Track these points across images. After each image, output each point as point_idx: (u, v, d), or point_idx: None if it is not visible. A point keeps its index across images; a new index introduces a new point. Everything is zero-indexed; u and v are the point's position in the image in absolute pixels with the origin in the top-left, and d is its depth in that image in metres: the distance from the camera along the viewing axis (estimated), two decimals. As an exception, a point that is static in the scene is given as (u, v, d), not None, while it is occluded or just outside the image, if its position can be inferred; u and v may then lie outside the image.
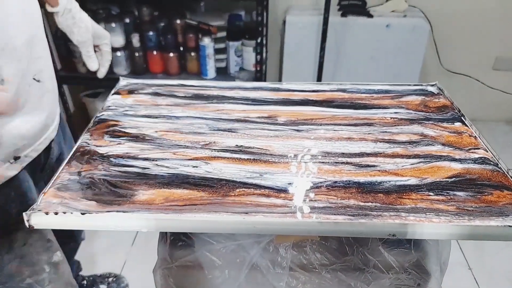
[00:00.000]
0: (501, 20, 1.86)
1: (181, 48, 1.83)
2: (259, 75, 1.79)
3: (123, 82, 0.84)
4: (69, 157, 0.60)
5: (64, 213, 0.49)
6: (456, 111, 0.74)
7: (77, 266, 1.16)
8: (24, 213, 0.49)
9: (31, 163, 0.69)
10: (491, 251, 1.42)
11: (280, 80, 2.01)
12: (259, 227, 0.50)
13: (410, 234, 0.50)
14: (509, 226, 0.48)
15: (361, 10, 1.75)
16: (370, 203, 0.53)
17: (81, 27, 0.78)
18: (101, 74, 0.85)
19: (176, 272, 0.66)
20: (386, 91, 0.81)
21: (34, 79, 0.66)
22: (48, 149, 0.75)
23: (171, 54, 1.81)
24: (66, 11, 0.75)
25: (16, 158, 0.66)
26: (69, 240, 1.01)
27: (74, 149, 0.62)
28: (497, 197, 0.53)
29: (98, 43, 0.83)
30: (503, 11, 1.84)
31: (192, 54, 1.81)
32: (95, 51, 0.83)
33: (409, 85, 0.83)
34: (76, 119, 1.94)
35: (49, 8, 0.75)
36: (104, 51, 0.83)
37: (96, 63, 0.82)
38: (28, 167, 0.69)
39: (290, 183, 0.56)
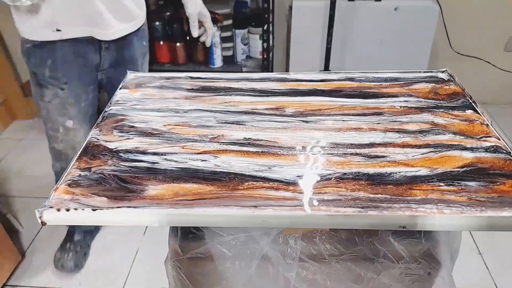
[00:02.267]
0: (514, 0, 1.80)
1: (188, 38, 1.82)
2: (266, 63, 1.77)
3: (130, 76, 0.84)
4: (79, 152, 0.61)
5: (76, 209, 0.50)
6: (468, 97, 0.73)
7: None
8: (36, 210, 0.50)
9: (77, 47, 0.97)
10: (501, 236, 1.41)
11: (287, 67, 1.99)
12: (269, 221, 0.50)
13: (420, 226, 0.50)
14: (522, 216, 0.48)
15: (369, -7, 1.71)
16: (380, 195, 0.52)
17: (192, 4, 1.06)
18: (207, 42, 1.14)
19: (187, 264, 0.67)
20: (396, 79, 0.80)
21: None
22: (98, 48, 1.01)
23: (178, 44, 1.80)
24: None
25: (58, 30, 0.93)
26: None
27: (84, 144, 0.63)
28: (510, 186, 0.53)
29: (202, 20, 1.10)
30: (516, -9, 1.78)
31: (199, 43, 1.80)
32: (200, 26, 1.11)
33: (419, 72, 0.81)
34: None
35: None
36: (206, 27, 1.12)
37: (197, 32, 1.10)
38: (74, 49, 0.97)
39: (299, 176, 0.56)
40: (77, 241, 1.33)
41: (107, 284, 1.28)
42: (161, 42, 1.79)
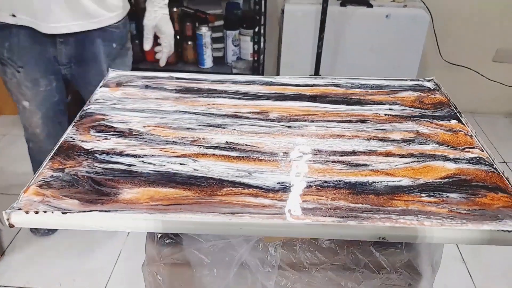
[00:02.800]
0: (503, 12, 1.82)
1: (178, 37, 1.80)
2: (257, 65, 1.76)
3: (112, 74, 0.82)
4: (52, 152, 0.59)
5: (45, 212, 0.48)
6: (453, 107, 0.72)
7: None
8: (3, 212, 0.48)
9: (33, 35, 0.97)
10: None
11: (278, 70, 1.98)
12: (246, 229, 0.49)
13: (400, 238, 0.49)
14: (503, 230, 0.47)
15: (361, -1, 1.71)
16: (360, 205, 0.51)
17: (150, 14, 1.02)
18: (162, 62, 1.09)
19: (164, 270, 0.65)
20: (382, 86, 0.79)
21: None
22: (53, 40, 0.99)
23: (167, 43, 1.78)
24: None
25: (13, 15, 0.94)
26: None
27: (58, 144, 0.61)
28: (491, 199, 0.52)
29: (159, 35, 1.05)
30: (505, 2, 1.80)
31: (189, 43, 1.78)
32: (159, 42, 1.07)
33: (405, 80, 0.81)
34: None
35: None
36: (162, 45, 1.07)
37: (148, 46, 1.06)
38: (30, 36, 0.97)
39: (279, 183, 0.55)
40: None
41: (88, 285, 1.25)
42: (151, 41, 1.77)
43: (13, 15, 0.94)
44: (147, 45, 1.05)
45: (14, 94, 1.09)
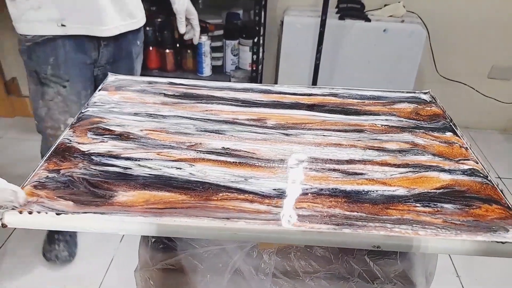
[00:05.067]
0: (498, 29, 1.85)
1: (178, 45, 1.81)
2: (255, 75, 1.78)
3: (111, 78, 0.82)
4: (48, 154, 0.59)
5: (39, 212, 0.48)
6: (448, 120, 0.73)
7: None
8: (-4, 211, 0.48)
9: (78, 43, 0.97)
10: (480, 259, 1.41)
11: (276, 80, 2.00)
12: (241, 234, 0.48)
13: (394, 247, 0.49)
14: (497, 242, 0.47)
15: (359, 13, 1.74)
16: (355, 213, 0.51)
17: (179, 1, 1.06)
18: (195, 40, 1.14)
19: (157, 275, 0.64)
20: (378, 97, 0.80)
21: None
22: (97, 44, 1.00)
23: (168, 51, 1.79)
24: None
25: (63, 25, 0.92)
26: None
27: (55, 145, 0.60)
28: (485, 211, 0.52)
29: (189, 17, 1.10)
30: (501, 20, 1.83)
31: (189, 51, 1.80)
32: (186, 24, 1.11)
33: (402, 92, 0.82)
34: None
35: None
36: (193, 24, 1.11)
37: (184, 28, 1.10)
38: (75, 45, 0.97)
39: (275, 189, 0.55)
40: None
41: (78, 291, 1.24)
42: (151, 48, 1.78)
43: (63, 25, 0.93)
44: (183, 28, 1.09)
45: (55, 115, 1.03)
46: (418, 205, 0.53)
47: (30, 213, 0.48)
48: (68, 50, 0.96)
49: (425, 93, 0.82)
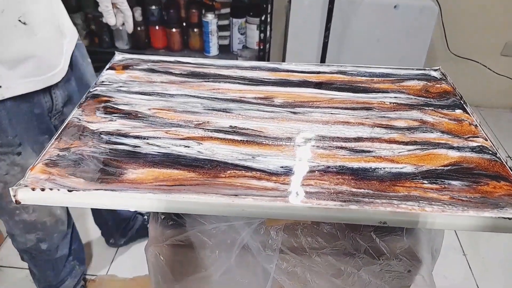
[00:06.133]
0: (513, 4, 1.80)
1: (184, 24, 1.79)
2: (262, 54, 1.76)
3: (118, 57, 0.82)
4: (59, 132, 0.60)
5: (51, 189, 0.49)
6: (458, 97, 0.72)
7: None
8: (10, 188, 0.49)
9: (23, 97, 0.73)
10: (487, 237, 1.42)
11: (283, 59, 1.98)
12: (248, 210, 0.49)
13: (401, 223, 0.49)
14: (504, 218, 0.47)
15: (369, -11, 1.69)
16: (362, 190, 0.52)
17: None
18: (129, 28, 0.89)
19: (167, 251, 0.66)
20: (388, 75, 0.79)
21: (19, 20, 0.68)
22: (48, 94, 0.79)
23: (174, 30, 1.77)
24: None
25: None
26: None
27: (64, 124, 0.61)
28: (493, 187, 0.52)
29: (114, 1, 0.85)
30: (516, -5, 1.78)
31: (195, 30, 1.78)
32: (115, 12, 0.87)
33: (412, 69, 0.81)
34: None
35: None
36: (122, 9, 0.87)
37: (113, 18, 0.86)
38: (19, 101, 0.73)
39: (282, 167, 0.55)
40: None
41: (90, 269, 1.27)
42: (157, 27, 1.77)
43: None
44: (112, 19, 0.85)
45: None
46: (425, 182, 0.53)
47: (43, 190, 0.49)
48: (10, 109, 0.73)
49: (435, 70, 0.80)
